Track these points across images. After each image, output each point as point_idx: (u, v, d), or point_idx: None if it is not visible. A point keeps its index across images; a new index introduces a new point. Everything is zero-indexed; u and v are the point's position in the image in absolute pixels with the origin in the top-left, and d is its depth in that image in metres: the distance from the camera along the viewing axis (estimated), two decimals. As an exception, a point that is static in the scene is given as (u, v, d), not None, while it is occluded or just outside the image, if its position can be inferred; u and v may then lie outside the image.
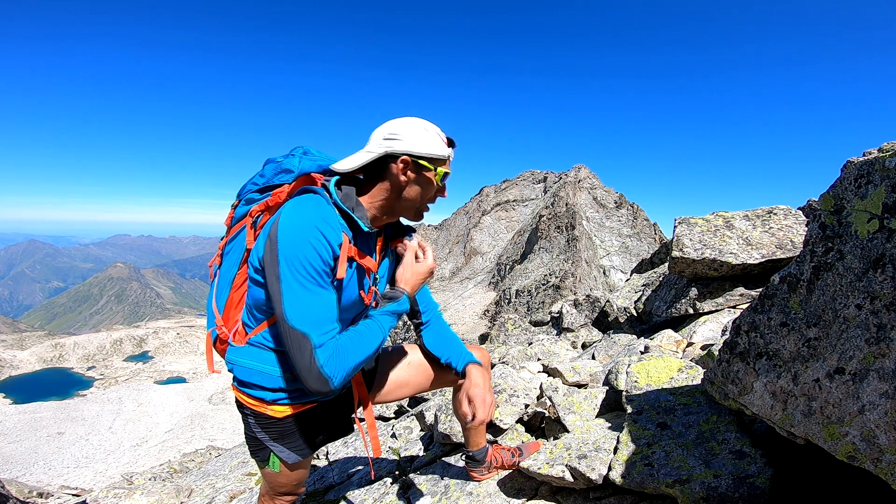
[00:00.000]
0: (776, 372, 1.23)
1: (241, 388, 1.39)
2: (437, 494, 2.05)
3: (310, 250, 1.17)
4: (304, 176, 1.38)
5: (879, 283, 0.99)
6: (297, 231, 1.18)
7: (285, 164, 1.39)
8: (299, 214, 1.21)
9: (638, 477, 1.41)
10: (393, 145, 1.29)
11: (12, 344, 51.44)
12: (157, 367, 46.12)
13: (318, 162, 1.39)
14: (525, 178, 64.38)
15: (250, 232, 1.38)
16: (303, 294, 1.18)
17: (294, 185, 1.36)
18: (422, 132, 1.31)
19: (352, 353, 1.23)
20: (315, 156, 1.42)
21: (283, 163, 1.40)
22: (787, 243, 2.91)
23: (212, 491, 3.99)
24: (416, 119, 1.34)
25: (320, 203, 1.25)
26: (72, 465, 25.55)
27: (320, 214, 1.22)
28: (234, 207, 1.47)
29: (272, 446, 1.44)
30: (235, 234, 1.44)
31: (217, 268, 1.49)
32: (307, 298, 1.18)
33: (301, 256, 1.17)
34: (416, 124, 1.32)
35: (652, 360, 2.13)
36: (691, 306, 3.22)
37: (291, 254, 1.17)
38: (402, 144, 1.29)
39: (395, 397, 1.71)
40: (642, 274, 5.96)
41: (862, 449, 1.02)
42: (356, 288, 1.36)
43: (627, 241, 49.27)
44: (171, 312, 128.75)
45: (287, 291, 1.17)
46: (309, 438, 1.47)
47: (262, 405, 1.39)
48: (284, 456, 1.45)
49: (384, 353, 1.73)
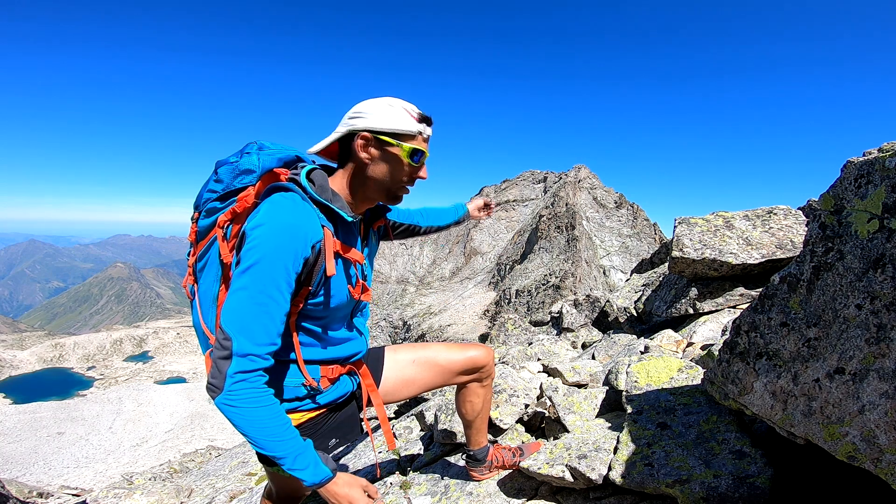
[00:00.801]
0: (776, 372, 1.23)
1: None
2: (437, 494, 2.05)
3: (281, 254, 1.12)
4: (267, 174, 1.30)
5: (879, 283, 0.99)
6: (270, 235, 1.12)
7: (243, 164, 1.30)
8: (272, 218, 1.14)
9: (638, 477, 1.41)
10: (355, 123, 1.24)
11: (12, 344, 51.45)
12: (157, 367, 46.13)
13: (276, 156, 1.32)
14: (525, 178, 64.39)
15: (223, 245, 1.29)
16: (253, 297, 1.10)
17: (259, 186, 1.27)
18: (385, 108, 1.24)
19: (258, 415, 1.11)
20: (272, 149, 1.33)
21: (240, 163, 1.30)
22: (787, 243, 2.91)
23: (212, 491, 3.99)
24: (385, 97, 1.28)
25: (295, 201, 1.19)
26: (72, 465, 25.55)
27: (295, 215, 1.16)
28: (196, 221, 1.37)
29: None
30: (205, 249, 1.36)
31: (192, 288, 1.41)
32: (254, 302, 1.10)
33: (270, 260, 1.11)
34: (381, 101, 1.26)
35: (652, 360, 2.13)
36: (691, 306, 3.22)
37: (260, 258, 1.11)
38: (363, 121, 1.23)
39: (402, 396, 1.71)
40: (642, 274, 5.96)
41: (862, 449, 1.02)
42: (345, 283, 1.32)
43: (627, 241, 49.28)
44: (171, 312, 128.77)
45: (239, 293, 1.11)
46: (321, 443, 1.45)
47: None
48: None
49: (389, 352, 1.73)
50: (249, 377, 1.10)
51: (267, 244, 1.11)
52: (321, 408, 1.43)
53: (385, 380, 1.67)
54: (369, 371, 1.61)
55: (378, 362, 1.68)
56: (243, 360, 1.09)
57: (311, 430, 1.43)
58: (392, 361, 1.70)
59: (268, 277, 1.11)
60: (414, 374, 1.70)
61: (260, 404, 1.12)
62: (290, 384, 1.34)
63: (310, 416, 1.41)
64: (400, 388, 1.68)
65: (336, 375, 1.43)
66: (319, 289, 1.25)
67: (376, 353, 1.71)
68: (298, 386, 1.35)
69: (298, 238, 1.15)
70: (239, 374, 1.09)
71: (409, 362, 1.71)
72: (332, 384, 1.43)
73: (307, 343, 1.35)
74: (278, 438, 1.13)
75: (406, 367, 1.70)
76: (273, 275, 1.11)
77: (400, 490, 2.24)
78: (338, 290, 1.30)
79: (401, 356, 1.72)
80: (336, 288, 1.29)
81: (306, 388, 1.36)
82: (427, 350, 1.74)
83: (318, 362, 1.39)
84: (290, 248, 1.13)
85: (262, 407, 1.12)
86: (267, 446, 1.13)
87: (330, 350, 1.41)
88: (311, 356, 1.37)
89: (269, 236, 1.12)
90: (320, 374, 1.39)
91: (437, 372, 1.72)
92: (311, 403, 1.39)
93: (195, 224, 1.37)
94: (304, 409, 1.39)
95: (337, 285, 1.30)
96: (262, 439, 1.12)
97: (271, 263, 1.11)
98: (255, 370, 1.11)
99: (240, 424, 1.11)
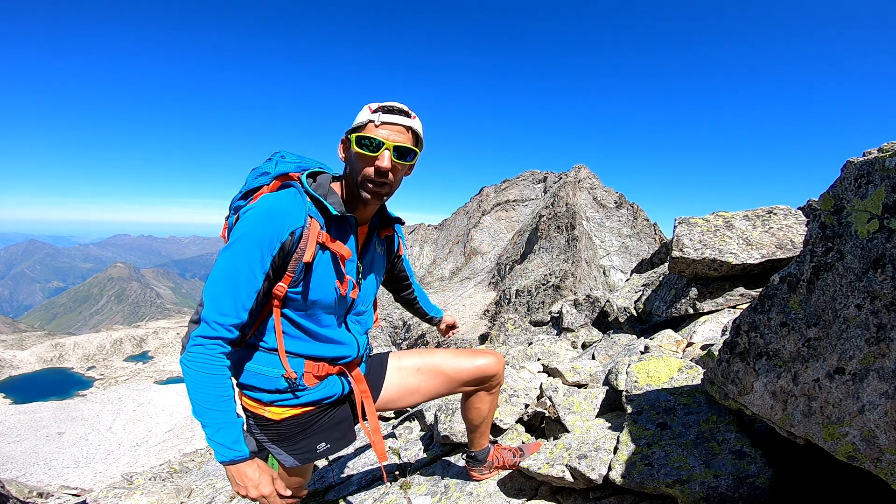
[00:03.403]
0: (776, 372, 1.23)
1: (240, 389, 1.39)
2: (437, 494, 2.05)
3: (255, 231, 1.21)
4: (281, 175, 1.40)
5: (879, 283, 0.99)
6: (251, 216, 1.23)
7: (262, 168, 1.43)
8: (259, 204, 1.27)
9: (638, 477, 1.41)
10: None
11: (12, 344, 51.44)
12: (157, 367, 46.11)
13: (296, 163, 1.43)
14: (525, 178, 64.36)
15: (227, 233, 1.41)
16: (226, 270, 1.21)
17: (273, 185, 1.39)
18: (360, 111, 1.32)
19: (202, 380, 1.20)
20: (293, 159, 1.45)
21: (261, 167, 1.44)
22: (787, 243, 2.91)
23: (212, 491, 3.98)
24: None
25: (290, 193, 1.30)
26: (72, 465, 25.54)
27: (281, 202, 1.27)
28: (227, 219, 1.49)
29: (270, 448, 1.43)
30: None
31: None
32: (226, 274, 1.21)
33: (245, 237, 1.21)
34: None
35: (652, 360, 2.13)
36: (691, 306, 3.22)
37: (237, 235, 1.22)
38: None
39: (405, 404, 1.69)
40: (642, 274, 5.96)
41: (862, 449, 1.02)
42: (332, 276, 1.35)
43: (627, 241, 49.27)
44: (171, 312, 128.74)
45: (216, 264, 1.23)
46: (309, 444, 1.46)
47: (260, 406, 1.39)
48: (282, 459, 1.44)
49: (393, 359, 1.71)
50: (206, 343, 1.20)
51: (247, 225, 1.22)
52: (306, 406, 1.42)
53: (388, 387, 1.65)
54: (368, 377, 1.60)
55: (381, 369, 1.67)
56: (206, 327, 1.20)
57: (297, 428, 1.42)
58: (396, 369, 1.68)
59: (241, 254, 1.21)
60: (418, 383, 1.68)
61: (207, 371, 1.20)
62: (269, 374, 1.35)
63: (293, 412, 1.41)
64: (403, 396, 1.67)
65: (323, 373, 1.43)
66: (300, 276, 1.29)
67: (380, 359, 1.70)
68: (278, 377, 1.36)
69: (276, 222, 1.23)
70: (199, 339, 1.20)
71: (413, 370, 1.68)
72: (318, 382, 1.43)
73: (292, 335, 1.37)
74: (210, 407, 1.21)
75: (410, 375, 1.68)
76: (246, 252, 1.21)
77: (400, 490, 2.24)
78: (322, 281, 1.33)
79: (405, 363, 1.70)
80: (320, 279, 1.32)
81: (286, 381, 1.36)
82: (433, 357, 1.71)
83: (303, 356, 1.40)
84: (266, 229, 1.22)
85: (208, 374, 1.21)
86: (198, 411, 1.21)
87: (316, 346, 1.41)
88: (296, 349, 1.38)
89: (250, 219, 1.23)
90: (304, 370, 1.39)
91: (443, 381, 1.69)
92: (292, 399, 1.39)
93: (226, 222, 1.48)
94: (285, 405, 1.39)
95: (321, 276, 1.33)
96: (197, 403, 1.21)
97: (247, 242, 1.21)
98: (214, 338, 1.21)
99: (187, 383, 1.21)
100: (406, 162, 1.32)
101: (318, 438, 1.47)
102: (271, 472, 1.30)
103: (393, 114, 1.29)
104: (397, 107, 1.30)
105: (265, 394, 1.37)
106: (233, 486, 1.27)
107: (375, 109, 1.29)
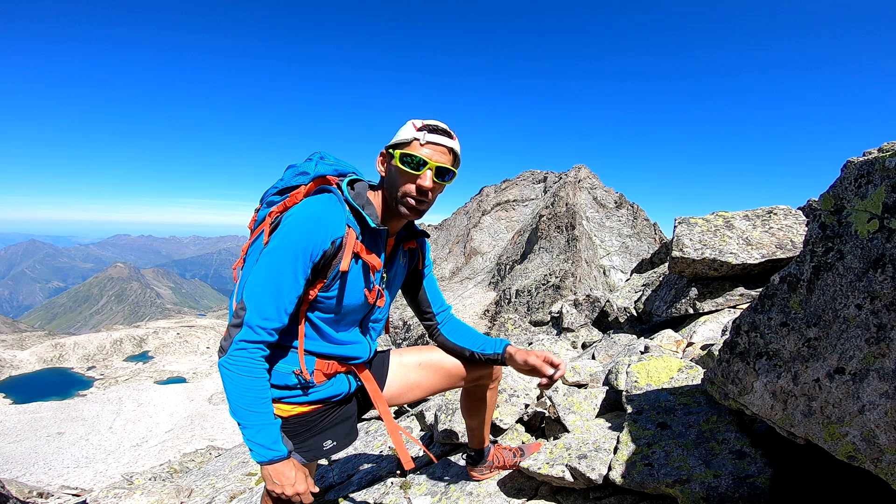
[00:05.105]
0: (776, 372, 1.23)
1: None
2: (437, 494, 2.05)
3: (301, 239, 1.23)
4: (319, 178, 1.42)
5: (879, 283, 0.99)
6: (296, 222, 1.25)
7: (302, 167, 1.46)
8: (304, 208, 1.29)
9: (638, 477, 1.41)
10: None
11: (12, 344, 51.44)
12: (157, 367, 46.11)
13: (333, 166, 1.46)
14: (525, 178, 64.35)
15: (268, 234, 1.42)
16: (270, 275, 1.23)
17: (310, 186, 1.40)
18: (403, 127, 1.35)
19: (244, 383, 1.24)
20: (331, 161, 1.49)
21: (300, 166, 1.46)
22: (787, 243, 2.91)
23: (212, 491, 3.99)
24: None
25: (331, 200, 1.33)
26: (72, 465, 25.54)
27: (325, 209, 1.28)
28: (257, 211, 1.51)
29: None
30: (257, 237, 1.46)
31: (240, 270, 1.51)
32: (271, 279, 1.22)
33: (291, 243, 1.22)
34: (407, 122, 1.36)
35: (652, 360, 2.13)
36: (691, 306, 3.22)
37: (282, 240, 1.23)
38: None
39: (406, 400, 1.70)
40: (642, 274, 5.96)
41: (862, 449, 1.02)
42: (361, 285, 1.38)
43: (627, 241, 49.27)
44: (171, 312, 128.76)
45: (258, 268, 1.24)
46: (316, 441, 1.47)
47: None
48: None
49: (394, 355, 1.73)
50: (250, 347, 1.24)
51: (291, 230, 1.25)
52: (314, 404, 1.44)
53: (391, 383, 1.67)
54: (373, 375, 1.62)
55: (383, 365, 1.68)
56: (250, 331, 1.23)
57: (303, 426, 1.43)
58: (397, 365, 1.70)
59: (285, 259, 1.23)
60: (419, 378, 1.69)
61: (250, 374, 1.24)
62: (281, 369, 1.37)
63: (301, 409, 1.42)
64: (405, 392, 1.68)
65: (332, 371, 1.45)
66: (333, 283, 1.32)
67: (381, 357, 1.71)
68: (289, 373, 1.37)
69: (320, 230, 1.25)
70: (243, 343, 1.23)
71: (414, 366, 1.70)
72: (327, 380, 1.44)
73: (311, 335, 1.39)
74: (251, 409, 1.24)
75: (411, 371, 1.69)
76: (290, 258, 1.22)
77: (400, 490, 2.24)
78: (353, 289, 1.37)
79: (406, 359, 1.71)
80: (351, 287, 1.36)
81: (297, 377, 1.38)
82: (433, 353, 1.73)
83: (316, 354, 1.42)
84: (310, 236, 1.24)
85: (251, 377, 1.24)
86: (238, 412, 1.24)
87: (331, 347, 1.43)
88: (312, 348, 1.40)
89: (294, 224, 1.25)
90: (314, 367, 1.41)
91: (443, 376, 1.71)
92: (301, 396, 1.41)
93: (255, 213, 1.50)
94: (293, 402, 1.41)
95: (352, 284, 1.36)
96: (237, 405, 1.24)
97: (290, 247, 1.23)
98: (257, 342, 1.24)
99: (227, 386, 1.24)
100: (445, 182, 1.37)
101: (325, 436, 1.49)
102: (304, 471, 1.34)
103: (437, 133, 1.32)
104: (441, 127, 1.34)
105: (274, 389, 1.38)
106: (267, 485, 1.30)
107: (420, 128, 1.32)
